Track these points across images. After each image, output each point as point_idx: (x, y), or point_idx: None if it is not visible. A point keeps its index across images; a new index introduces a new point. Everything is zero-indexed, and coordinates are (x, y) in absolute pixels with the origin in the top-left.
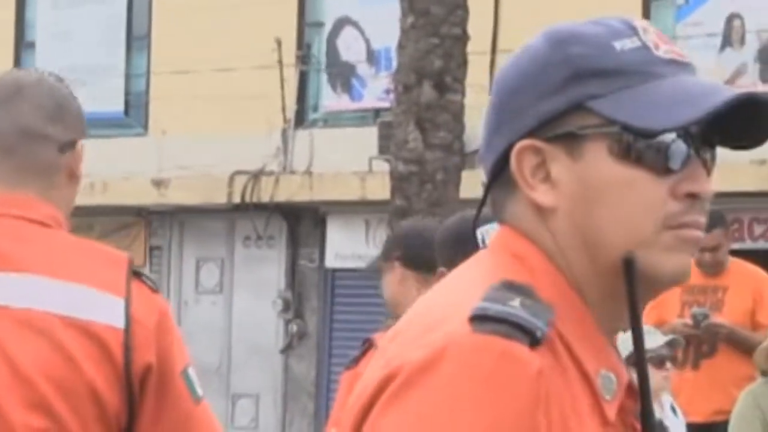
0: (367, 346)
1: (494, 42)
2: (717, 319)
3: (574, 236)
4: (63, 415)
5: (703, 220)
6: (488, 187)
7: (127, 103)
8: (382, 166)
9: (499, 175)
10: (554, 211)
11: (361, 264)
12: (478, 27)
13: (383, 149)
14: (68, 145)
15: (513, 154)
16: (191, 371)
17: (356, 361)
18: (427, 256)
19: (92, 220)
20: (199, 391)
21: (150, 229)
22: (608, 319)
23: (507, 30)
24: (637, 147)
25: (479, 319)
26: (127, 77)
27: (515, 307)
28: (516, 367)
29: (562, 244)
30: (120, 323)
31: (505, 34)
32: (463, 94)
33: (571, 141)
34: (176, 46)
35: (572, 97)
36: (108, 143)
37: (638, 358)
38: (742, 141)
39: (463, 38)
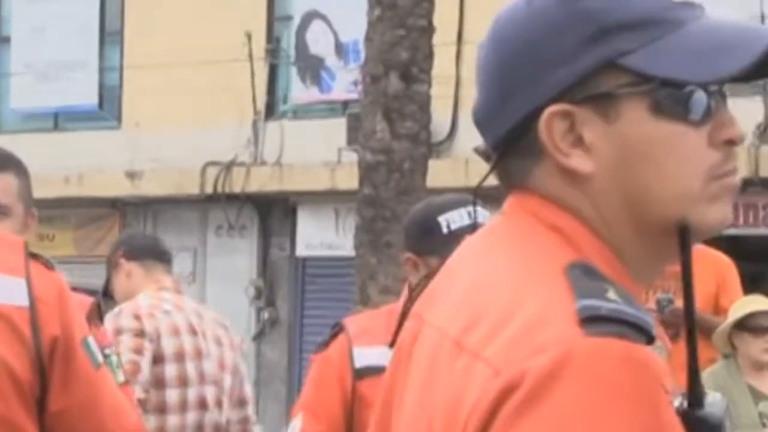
0: (337, 330)
1: (460, 33)
2: (681, 304)
3: (614, 199)
4: None
5: (737, 166)
6: (499, 157)
7: (101, 97)
8: (351, 157)
9: (515, 143)
10: (591, 176)
11: (330, 252)
12: (444, 18)
13: (352, 140)
14: None
15: (542, 121)
16: (90, 340)
17: (326, 344)
18: (145, 244)
19: (67, 212)
20: (99, 358)
21: (125, 220)
22: (642, 278)
23: (472, 21)
24: (678, 101)
25: (591, 320)
26: (101, 71)
27: (618, 302)
28: (643, 371)
29: (602, 209)
30: (25, 302)
31: (470, 25)
32: (429, 84)
33: (603, 102)
34: (149, 40)
35: (602, 55)
36: (82, 136)
37: (689, 326)
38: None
39: (429, 30)
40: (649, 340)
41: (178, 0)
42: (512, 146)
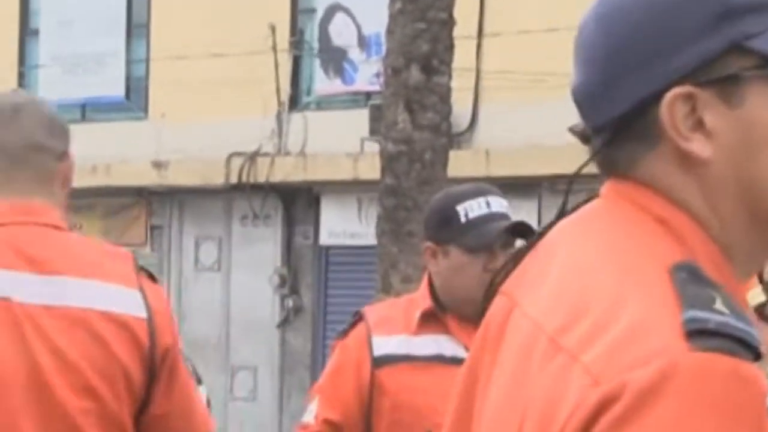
0: (357, 318)
1: (480, 26)
2: None
3: (731, 188)
4: (104, 395)
5: None
6: (608, 141)
7: (127, 88)
8: (373, 147)
9: (628, 126)
10: (708, 162)
11: (353, 241)
12: (464, 11)
13: (374, 131)
14: (64, 155)
15: (665, 104)
16: (178, 348)
17: (345, 333)
18: None
19: (95, 201)
20: (188, 364)
21: (150, 209)
22: (745, 275)
23: (492, 14)
24: None
25: (698, 333)
26: (128, 63)
27: (726, 314)
28: (750, 390)
29: (715, 200)
30: (143, 313)
31: (490, 17)
32: (449, 76)
33: (727, 86)
34: (175, 33)
35: (729, 36)
36: (109, 127)
37: None
38: None
39: (450, 23)
40: (757, 356)
41: None
42: (624, 130)
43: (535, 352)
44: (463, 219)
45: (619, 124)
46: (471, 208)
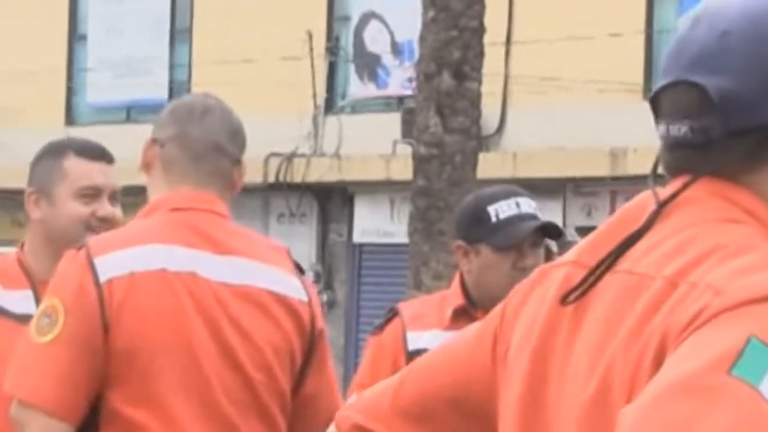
0: (392, 314)
1: (508, 34)
2: None
3: None
4: (276, 371)
5: None
6: (762, 143)
7: (170, 91)
8: (405, 149)
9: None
10: None
11: (386, 239)
12: (494, 20)
13: (406, 133)
14: (238, 161)
15: None
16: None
17: (381, 328)
18: None
19: (139, 200)
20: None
21: None
22: None
23: (520, 22)
24: None
25: None
26: (171, 67)
27: None
28: None
29: None
30: (305, 298)
31: (518, 26)
32: (480, 82)
33: None
34: (216, 38)
35: None
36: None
37: None
38: None
39: (480, 30)
40: None
41: (244, 0)
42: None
43: (641, 297)
44: (493, 219)
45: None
46: (501, 209)
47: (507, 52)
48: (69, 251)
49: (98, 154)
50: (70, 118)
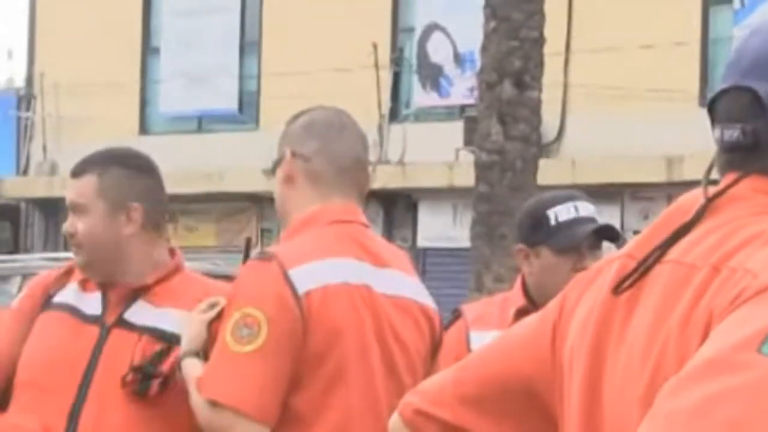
0: (456, 315)
1: (567, 44)
2: None
3: None
4: (420, 376)
5: None
6: None
7: (240, 101)
8: (468, 157)
9: None
10: None
11: (448, 244)
12: (554, 30)
13: (468, 141)
14: (368, 167)
15: None
16: None
17: (445, 329)
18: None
19: (210, 206)
20: None
21: (262, 213)
22: None
23: (579, 33)
24: None
25: None
26: (241, 78)
27: None
28: None
29: None
30: (433, 304)
31: (577, 36)
32: (540, 90)
33: None
34: (283, 50)
35: None
36: (224, 137)
37: None
38: None
39: (540, 41)
40: None
41: (311, 13)
42: None
43: (690, 286)
44: (553, 222)
45: None
46: (560, 213)
47: (566, 62)
48: (254, 262)
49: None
50: (143, 128)
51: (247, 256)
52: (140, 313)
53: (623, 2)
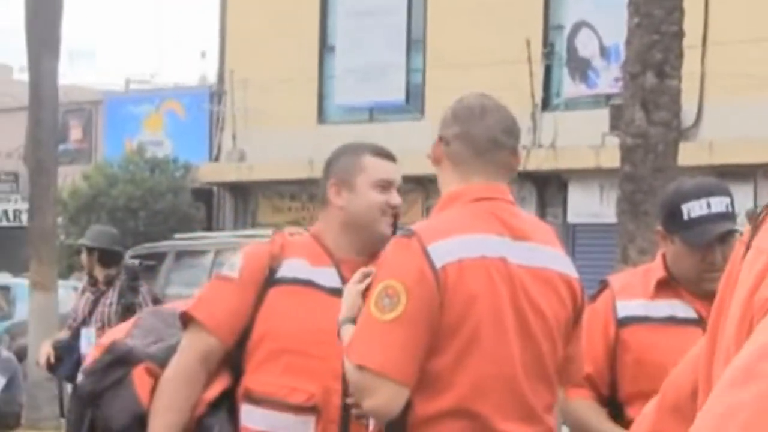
0: (603, 286)
1: (704, 37)
2: None
3: None
4: (557, 341)
5: None
6: None
7: (407, 94)
8: (613, 141)
9: None
10: None
11: (596, 220)
12: (692, 24)
13: (613, 126)
14: (514, 151)
15: None
16: None
17: (594, 298)
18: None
19: None
20: None
21: (427, 194)
22: None
23: (715, 27)
24: None
25: None
26: (407, 72)
27: None
28: None
29: None
30: (576, 274)
31: (713, 30)
32: (679, 80)
33: None
34: (447, 46)
35: None
36: (393, 126)
37: None
38: None
39: (680, 34)
40: None
41: (471, 12)
42: None
43: (753, 270)
44: (685, 217)
45: None
46: (693, 209)
47: (703, 53)
48: (398, 239)
49: (388, 154)
50: (321, 118)
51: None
52: None
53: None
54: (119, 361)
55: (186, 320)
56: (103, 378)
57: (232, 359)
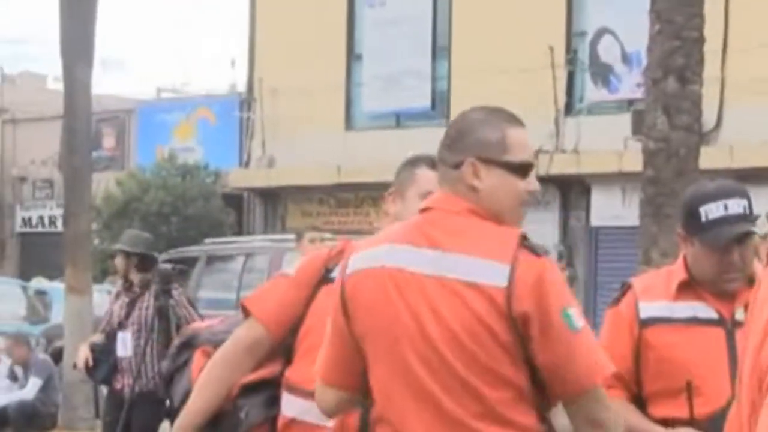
0: (626, 287)
1: (725, 43)
2: None
3: None
4: (473, 350)
5: None
6: None
7: (433, 100)
8: (635, 145)
9: None
10: None
11: (618, 223)
12: (712, 30)
13: (636, 131)
14: (458, 165)
15: None
16: (570, 310)
17: (617, 301)
18: None
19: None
20: (578, 324)
21: None
22: None
23: (735, 33)
24: None
25: None
26: (433, 80)
27: None
28: None
29: None
30: (503, 283)
31: (733, 36)
32: (700, 85)
33: None
34: (471, 54)
35: None
36: (418, 132)
37: None
38: None
39: (700, 40)
40: None
41: (495, 20)
42: None
43: None
44: (703, 219)
45: None
46: (711, 211)
47: (723, 59)
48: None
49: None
50: (348, 125)
51: None
52: None
53: None
54: (185, 344)
55: (245, 310)
56: (175, 360)
57: (285, 350)
